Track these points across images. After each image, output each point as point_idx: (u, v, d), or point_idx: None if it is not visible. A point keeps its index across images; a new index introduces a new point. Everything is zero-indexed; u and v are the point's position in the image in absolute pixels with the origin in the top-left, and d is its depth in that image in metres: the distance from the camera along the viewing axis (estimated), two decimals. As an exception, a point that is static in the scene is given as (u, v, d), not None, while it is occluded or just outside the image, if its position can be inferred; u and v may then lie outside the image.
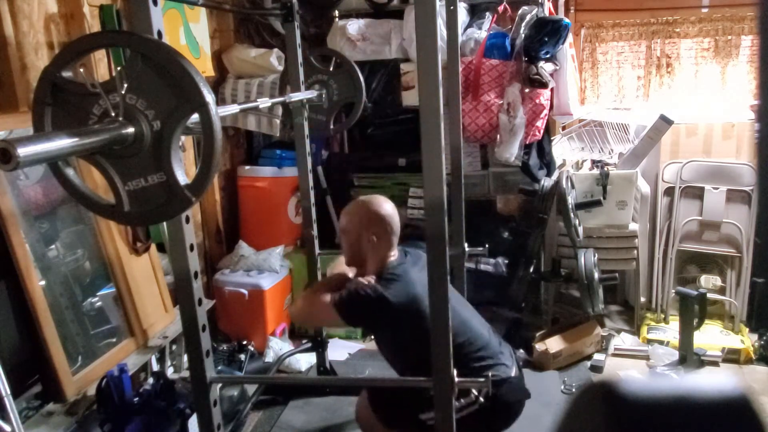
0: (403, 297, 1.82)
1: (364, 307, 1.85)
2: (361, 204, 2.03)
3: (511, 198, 3.37)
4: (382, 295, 1.82)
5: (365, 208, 2.00)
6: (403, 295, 1.83)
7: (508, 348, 2.04)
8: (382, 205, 2.00)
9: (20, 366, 1.96)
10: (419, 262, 1.93)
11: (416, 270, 1.90)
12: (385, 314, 1.83)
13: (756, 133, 0.67)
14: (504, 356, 1.97)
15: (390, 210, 2.00)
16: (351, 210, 2.04)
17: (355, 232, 1.98)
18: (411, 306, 1.81)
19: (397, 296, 1.82)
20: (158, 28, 1.37)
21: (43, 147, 0.91)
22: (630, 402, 0.45)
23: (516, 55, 3.09)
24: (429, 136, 1.41)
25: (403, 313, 1.82)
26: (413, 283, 1.85)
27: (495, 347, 1.97)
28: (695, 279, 3.24)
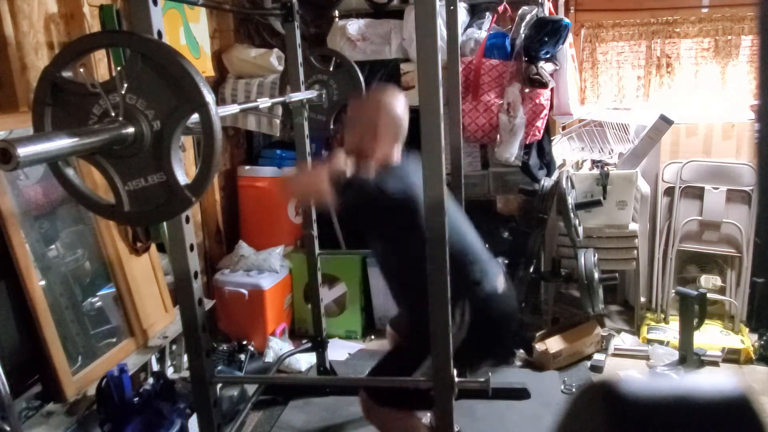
0: (400, 193, 1.76)
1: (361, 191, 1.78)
2: (376, 99, 1.95)
3: (511, 198, 3.37)
4: (380, 185, 1.76)
5: (379, 105, 1.91)
6: (401, 192, 1.76)
7: (499, 265, 2.00)
8: (397, 104, 1.91)
9: (20, 366, 1.96)
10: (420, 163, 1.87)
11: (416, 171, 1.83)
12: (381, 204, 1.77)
13: (756, 133, 0.67)
14: (493, 271, 1.93)
15: (402, 111, 1.92)
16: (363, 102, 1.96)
17: (363, 128, 1.90)
18: (408, 204, 1.73)
19: (395, 191, 1.76)
20: (158, 28, 1.37)
21: (43, 147, 0.91)
22: (630, 402, 0.45)
23: (516, 55, 3.09)
24: (429, 136, 1.42)
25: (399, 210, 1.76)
26: (412, 184, 1.77)
27: (486, 260, 1.93)
28: (695, 279, 3.24)
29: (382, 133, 1.88)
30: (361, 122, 1.92)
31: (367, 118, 1.91)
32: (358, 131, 1.92)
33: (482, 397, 2.27)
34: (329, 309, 3.37)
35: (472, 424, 2.47)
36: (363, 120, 1.92)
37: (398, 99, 1.93)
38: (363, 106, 1.94)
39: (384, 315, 3.41)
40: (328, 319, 3.21)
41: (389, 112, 1.89)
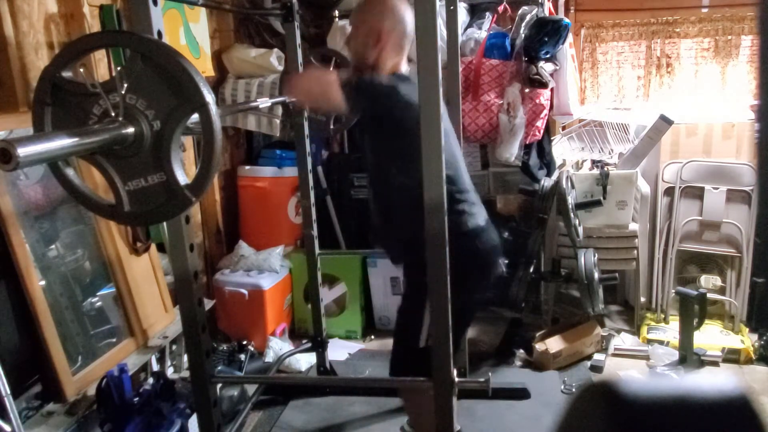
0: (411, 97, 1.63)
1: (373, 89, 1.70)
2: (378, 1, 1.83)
3: (511, 198, 3.37)
4: (393, 86, 1.68)
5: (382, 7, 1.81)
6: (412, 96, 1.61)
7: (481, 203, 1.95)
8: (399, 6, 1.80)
9: (20, 366, 1.96)
10: None
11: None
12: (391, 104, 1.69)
13: (756, 133, 0.67)
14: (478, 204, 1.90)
15: (408, 14, 1.79)
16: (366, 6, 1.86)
17: (366, 33, 1.80)
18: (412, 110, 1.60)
19: (407, 93, 1.66)
20: (158, 28, 1.38)
21: (43, 147, 0.91)
22: (630, 402, 0.45)
23: (516, 55, 3.09)
24: (429, 136, 1.41)
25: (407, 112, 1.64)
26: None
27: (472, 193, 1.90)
28: (695, 279, 3.24)
29: (386, 38, 1.78)
30: (365, 29, 1.80)
31: (369, 26, 1.79)
32: (362, 40, 1.82)
33: (482, 397, 2.27)
34: (329, 309, 3.37)
35: (472, 424, 2.47)
36: (366, 26, 1.80)
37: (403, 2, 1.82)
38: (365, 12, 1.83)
39: (384, 315, 3.41)
40: (328, 319, 3.21)
41: (394, 14, 1.79)
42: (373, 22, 1.79)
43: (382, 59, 1.79)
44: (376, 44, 1.78)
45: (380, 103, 1.71)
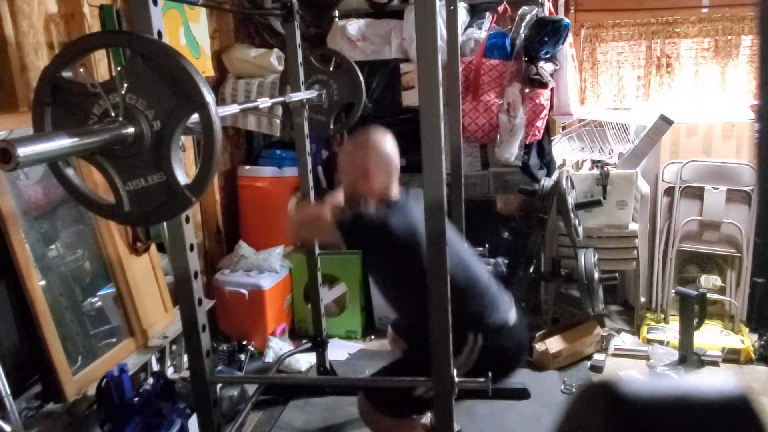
0: (403, 228, 1.78)
1: (365, 228, 1.80)
2: (362, 141, 1.97)
3: (511, 198, 3.37)
4: (384, 219, 1.78)
5: (367, 145, 1.94)
6: (404, 226, 1.78)
7: (507, 294, 1.99)
8: (384, 142, 1.94)
9: (20, 366, 1.96)
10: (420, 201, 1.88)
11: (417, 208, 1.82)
12: (385, 239, 1.78)
13: (756, 133, 0.67)
14: (502, 301, 1.93)
15: (390, 148, 1.94)
16: (351, 146, 1.98)
17: (356, 170, 1.92)
18: (410, 237, 1.76)
19: (398, 226, 1.78)
20: (158, 28, 1.37)
21: (43, 147, 0.91)
22: (630, 402, 0.45)
23: (516, 55, 3.09)
24: (429, 136, 1.42)
25: (402, 243, 1.77)
26: (415, 218, 1.79)
27: (494, 292, 1.93)
28: (695, 279, 3.24)
29: (374, 172, 1.90)
30: (353, 166, 1.94)
31: (357, 161, 1.92)
32: (351, 176, 1.94)
33: (482, 397, 2.27)
34: (329, 309, 3.37)
35: (472, 424, 2.47)
36: (354, 164, 1.94)
37: (384, 137, 1.96)
38: (351, 151, 1.97)
39: (384, 315, 3.41)
40: (328, 319, 3.21)
41: (378, 150, 1.91)
42: (359, 161, 1.91)
43: (372, 191, 1.91)
44: (365, 180, 1.90)
45: (374, 240, 1.83)
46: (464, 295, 1.81)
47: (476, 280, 1.90)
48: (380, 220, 1.78)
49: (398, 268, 1.87)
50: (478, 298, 1.87)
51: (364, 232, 1.81)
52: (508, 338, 1.89)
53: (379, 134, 1.96)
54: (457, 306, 1.55)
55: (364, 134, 2.00)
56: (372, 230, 1.79)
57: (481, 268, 1.99)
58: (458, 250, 1.85)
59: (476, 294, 1.88)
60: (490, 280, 1.97)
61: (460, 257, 1.89)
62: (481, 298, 1.88)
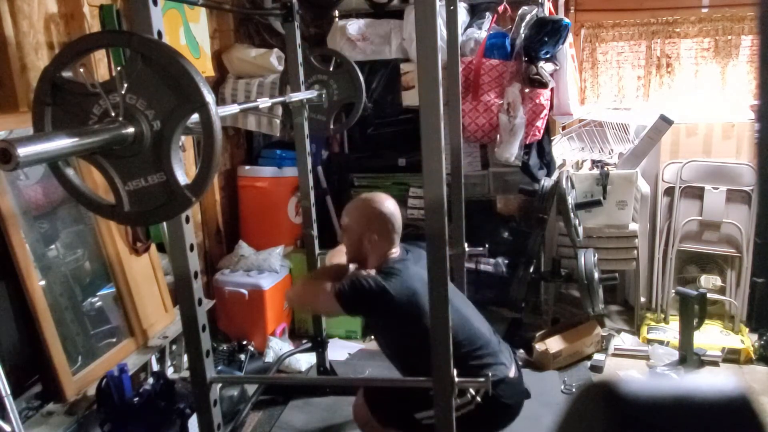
0: (403, 291, 1.83)
1: (364, 298, 1.85)
2: (363, 202, 2.04)
3: (511, 198, 3.37)
4: (383, 287, 1.82)
5: (367, 207, 2.00)
6: (404, 289, 1.83)
7: (507, 348, 2.04)
8: (383, 203, 2.00)
9: (20, 366, 1.96)
10: (420, 260, 1.93)
11: (417, 267, 1.91)
12: (385, 307, 1.84)
13: (756, 133, 0.67)
14: (503, 356, 1.97)
15: (392, 208, 2.01)
16: (352, 208, 2.04)
17: (357, 231, 1.98)
18: (411, 300, 1.82)
19: (398, 290, 1.83)
20: (158, 28, 1.37)
21: (43, 147, 0.91)
22: (630, 402, 0.45)
23: (516, 55, 3.09)
24: (429, 136, 1.41)
25: (403, 308, 1.82)
26: (414, 278, 1.86)
27: (494, 346, 1.97)
28: (695, 279, 3.24)
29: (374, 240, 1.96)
30: (351, 233, 2.00)
31: (355, 230, 1.99)
32: (352, 242, 2.01)
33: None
34: (329, 309, 3.37)
35: (472, 424, 2.47)
36: (352, 232, 2.00)
37: (382, 199, 2.03)
38: (349, 220, 2.03)
39: (384, 315, 3.41)
40: (328, 319, 3.21)
41: (371, 218, 1.98)
42: (358, 226, 1.99)
43: (371, 255, 1.99)
44: (368, 242, 1.98)
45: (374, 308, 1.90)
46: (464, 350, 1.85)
47: (476, 335, 1.93)
48: (379, 288, 1.83)
49: (399, 330, 1.92)
50: (478, 353, 1.91)
51: (364, 302, 1.87)
52: (506, 393, 1.92)
53: (380, 196, 2.05)
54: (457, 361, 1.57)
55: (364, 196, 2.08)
56: (371, 299, 1.84)
57: (482, 323, 2.02)
58: (458, 306, 1.89)
59: (476, 348, 1.91)
60: (490, 335, 2.00)
61: (461, 313, 1.92)
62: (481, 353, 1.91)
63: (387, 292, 1.82)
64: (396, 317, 1.87)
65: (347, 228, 2.03)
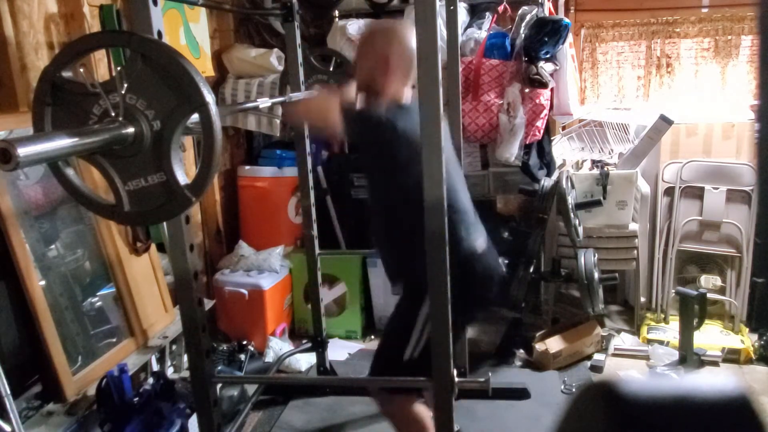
0: (409, 131, 1.66)
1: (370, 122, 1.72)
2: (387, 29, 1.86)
3: (511, 198, 3.37)
4: (392, 121, 1.69)
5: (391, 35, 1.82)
6: (410, 130, 1.66)
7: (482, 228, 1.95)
8: (408, 36, 1.80)
9: (20, 366, 1.96)
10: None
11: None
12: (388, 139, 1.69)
13: (756, 133, 0.67)
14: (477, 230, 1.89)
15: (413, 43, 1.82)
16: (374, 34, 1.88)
17: (373, 57, 1.81)
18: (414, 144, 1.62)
19: (405, 128, 1.68)
20: (158, 28, 1.37)
21: (43, 147, 0.91)
22: (630, 402, 0.45)
23: (516, 55, 3.09)
24: (429, 136, 1.42)
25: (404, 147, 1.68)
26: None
27: (472, 219, 1.89)
28: (695, 279, 3.24)
29: (393, 67, 1.79)
30: (372, 56, 1.82)
31: (377, 51, 1.81)
32: (369, 65, 1.83)
33: (482, 397, 2.27)
34: (329, 309, 3.37)
35: (472, 424, 2.47)
36: (373, 53, 1.82)
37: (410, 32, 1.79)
38: (373, 38, 1.85)
39: (384, 315, 3.41)
40: (328, 319, 3.21)
41: (402, 45, 1.79)
42: (382, 49, 1.80)
43: (387, 86, 1.80)
44: (383, 71, 1.79)
45: (376, 136, 1.73)
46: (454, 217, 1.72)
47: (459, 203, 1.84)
48: (388, 119, 1.68)
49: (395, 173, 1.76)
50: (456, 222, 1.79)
51: (369, 126, 1.72)
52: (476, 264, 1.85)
53: (405, 27, 1.85)
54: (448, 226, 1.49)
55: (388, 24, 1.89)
56: (376, 125, 1.70)
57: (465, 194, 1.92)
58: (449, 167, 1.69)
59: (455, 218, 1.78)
60: (471, 206, 1.91)
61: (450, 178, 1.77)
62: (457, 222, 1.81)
63: (395, 125, 1.68)
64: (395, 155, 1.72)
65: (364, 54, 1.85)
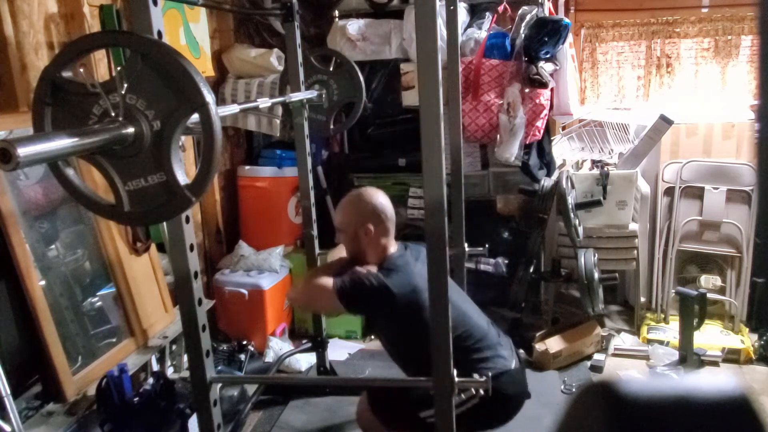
0: (404, 288, 1.83)
1: (365, 295, 1.85)
2: (353, 198, 2.03)
3: (511, 198, 3.37)
4: (384, 284, 1.83)
5: (357, 202, 2.00)
6: (405, 286, 1.83)
7: (507, 340, 2.04)
8: (373, 196, 2.00)
9: (20, 366, 1.96)
10: (420, 256, 1.94)
11: (417, 263, 1.91)
12: (386, 304, 1.84)
13: (756, 133, 0.67)
14: (503, 348, 1.97)
15: (382, 199, 2.00)
16: (344, 205, 2.04)
17: (352, 227, 1.97)
18: (412, 297, 1.82)
19: (399, 286, 1.83)
20: (158, 28, 1.37)
21: (43, 147, 0.91)
22: (630, 402, 0.45)
23: (516, 55, 3.09)
24: (429, 136, 1.41)
25: (404, 304, 1.83)
26: (414, 274, 1.86)
27: (494, 339, 1.97)
28: (695, 279, 3.24)
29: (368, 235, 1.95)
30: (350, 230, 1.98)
31: (351, 232, 1.98)
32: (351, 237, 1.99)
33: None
34: (329, 309, 3.37)
35: (472, 424, 2.47)
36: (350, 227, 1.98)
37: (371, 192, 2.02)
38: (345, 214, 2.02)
39: (384, 315, 3.41)
40: (328, 319, 3.20)
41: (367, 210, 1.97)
42: (352, 222, 1.97)
43: (371, 247, 1.97)
44: (365, 237, 1.96)
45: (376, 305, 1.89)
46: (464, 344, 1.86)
47: (475, 329, 1.93)
48: (380, 285, 1.83)
49: (400, 326, 1.92)
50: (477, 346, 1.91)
51: (365, 299, 1.87)
52: (507, 385, 1.92)
53: (368, 190, 2.05)
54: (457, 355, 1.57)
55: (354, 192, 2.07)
56: (373, 296, 1.84)
57: (480, 317, 2.02)
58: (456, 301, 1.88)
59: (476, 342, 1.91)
60: (489, 328, 2.00)
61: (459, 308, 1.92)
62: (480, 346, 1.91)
63: (388, 288, 1.82)
64: (397, 314, 1.87)
65: (342, 225, 2.02)
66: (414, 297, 1.82)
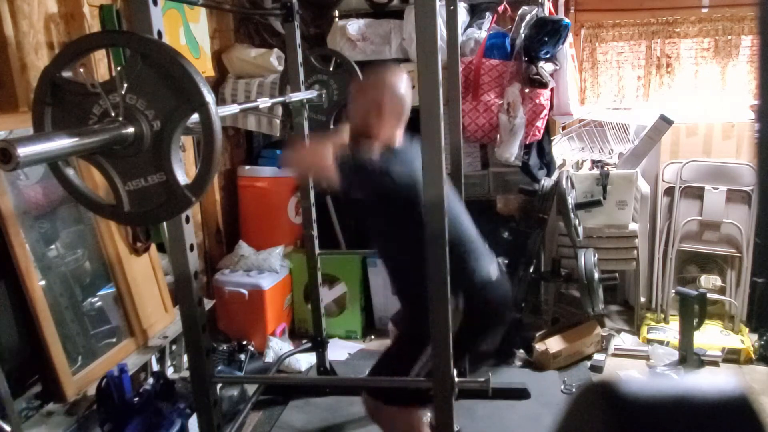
0: (405, 178, 1.72)
1: (364, 174, 1.74)
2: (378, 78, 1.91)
3: (511, 198, 3.37)
4: (386, 168, 1.72)
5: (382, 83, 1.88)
6: (405, 177, 1.72)
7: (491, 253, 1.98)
8: (399, 82, 1.87)
9: (20, 366, 1.96)
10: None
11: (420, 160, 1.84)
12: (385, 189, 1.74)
13: (756, 133, 0.67)
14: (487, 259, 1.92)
15: (406, 90, 1.88)
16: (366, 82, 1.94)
17: (366, 103, 1.86)
18: (411, 191, 1.69)
19: (399, 176, 1.72)
20: (158, 28, 1.37)
21: (43, 147, 0.91)
22: (630, 402, 0.45)
23: (516, 55, 3.09)
24: (429, 136, 1.42)
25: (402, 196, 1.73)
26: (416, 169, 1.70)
27: (480, 248, 1.92)
28: (695, 279, 3.24)
29: (386, 112, 1.83)
30: (365, 102, 1.87)
31: (370, 98, 1.86)
32: (362, 111, 1.88)
33: (482, 397, 2.27)
34: (329, 309, 3.37)
35: (472, 424, 2.47)
36: (366, 100, 1.87)
37: (401, 78, 1.88)
38: (366, 86, 1.91)
39: (384, 315, 3.41)
40: (328, 319, 3.21)
41: (393, 91, 1.85)
42: (375, 94, 1.85)
43: (380, 130, 1.84)
44: (376, 119, 1.83)
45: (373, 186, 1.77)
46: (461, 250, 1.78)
47: (465, 235, 1.87)
48: (382, 167, 1.72)
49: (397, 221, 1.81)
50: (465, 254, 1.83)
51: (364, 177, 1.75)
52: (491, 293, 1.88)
53: (397, 74, 1.90)
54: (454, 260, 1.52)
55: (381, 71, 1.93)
56: (372, 178, 1.73)
57: (470, 223, 1.95)
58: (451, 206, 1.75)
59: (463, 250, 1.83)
60: (477, 236, 1.93)
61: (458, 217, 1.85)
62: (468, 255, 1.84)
63: (389, 175, 1.71)
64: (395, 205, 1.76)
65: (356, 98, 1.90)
66: (413, 192, 1.67)
